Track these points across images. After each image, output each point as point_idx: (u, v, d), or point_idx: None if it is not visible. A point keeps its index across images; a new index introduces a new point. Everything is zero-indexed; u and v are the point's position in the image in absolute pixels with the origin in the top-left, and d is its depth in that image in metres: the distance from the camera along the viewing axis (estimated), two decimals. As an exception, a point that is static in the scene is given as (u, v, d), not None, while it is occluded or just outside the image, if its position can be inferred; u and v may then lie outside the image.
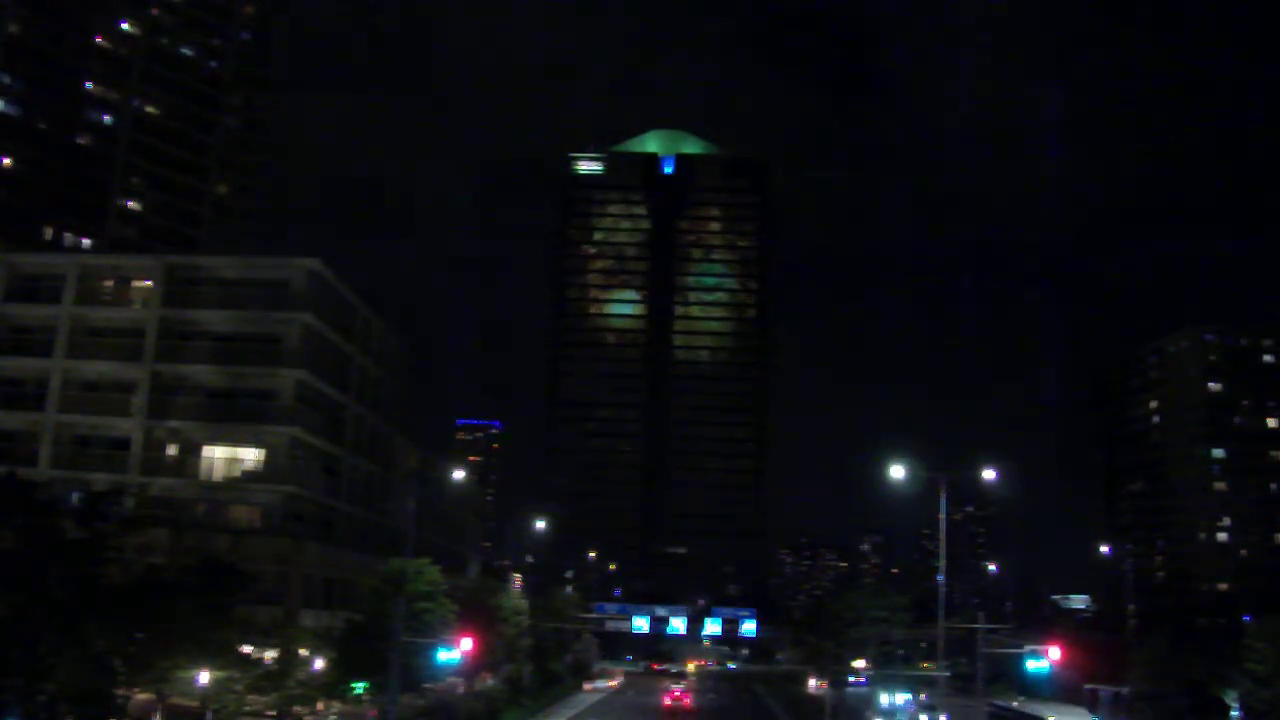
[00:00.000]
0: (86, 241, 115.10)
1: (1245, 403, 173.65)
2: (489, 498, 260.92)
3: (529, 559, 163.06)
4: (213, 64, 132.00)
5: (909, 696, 69.70)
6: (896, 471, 46.77)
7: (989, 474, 49.37)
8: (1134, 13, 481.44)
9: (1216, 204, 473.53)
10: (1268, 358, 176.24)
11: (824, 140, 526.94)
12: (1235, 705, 62.45)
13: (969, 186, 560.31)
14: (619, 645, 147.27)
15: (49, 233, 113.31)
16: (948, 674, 64.35)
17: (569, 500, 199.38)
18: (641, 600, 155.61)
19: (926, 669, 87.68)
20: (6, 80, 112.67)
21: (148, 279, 70.43)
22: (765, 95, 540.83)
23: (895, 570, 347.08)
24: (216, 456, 67.77)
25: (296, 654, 53.05)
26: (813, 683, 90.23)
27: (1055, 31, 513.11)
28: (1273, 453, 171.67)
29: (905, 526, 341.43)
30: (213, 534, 61.31)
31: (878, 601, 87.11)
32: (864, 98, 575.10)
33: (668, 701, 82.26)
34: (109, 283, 71.85)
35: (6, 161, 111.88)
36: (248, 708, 48.52)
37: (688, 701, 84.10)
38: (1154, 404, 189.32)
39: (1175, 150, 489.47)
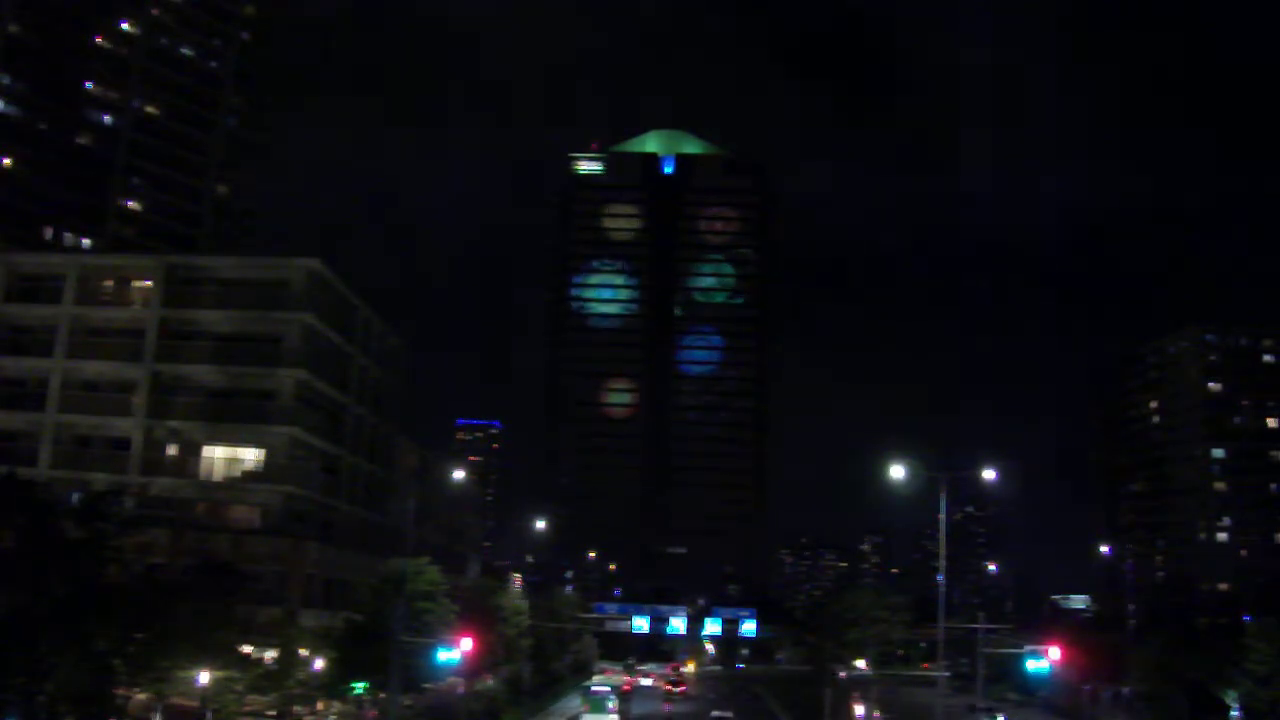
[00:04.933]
0: (86, 241, 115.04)
1: (1245, 403, 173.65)
2: (489, 498, 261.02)
3: (529, 559, 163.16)
4: (213, 64, 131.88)
5: None
6: (896, 471, 46.72)
7: (989, 474, 49.31)
8: (1136, 13, 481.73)
9: (1217, 204, 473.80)
10: (1268, 358, 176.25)
11: (825, 140, 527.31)
12: (1235, 705, 62.40)
13: (970, 186, 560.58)
14: (619, 645, 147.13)
15: (49, 233, 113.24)
16: (948, 674, 64.30)
17: (569, 500, 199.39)
18: (641, 600, 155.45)
19: (926, 669, 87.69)
20: (6, 80, 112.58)
21: (148, 279, 70.34)
22: (766, 95, 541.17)
23: (895, 570, 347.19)
24: (216, 456, 67.68)
25: (296, 654, 53.02)
26: (859, 711, 68.44)
27: (1059, 30, 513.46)
28: (1273, 453, 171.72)
29: (905, 526, 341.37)
30: (213, 534, 61.33)
31: (878, 601, 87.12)
32: (864, 98, 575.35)
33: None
34: (109, 283, 71.76)
35: (6, 161, 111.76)
36: (248, 708, 48.56)
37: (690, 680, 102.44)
38: (1154, 404, 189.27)
39: (1176, 150, 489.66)
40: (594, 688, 75.62)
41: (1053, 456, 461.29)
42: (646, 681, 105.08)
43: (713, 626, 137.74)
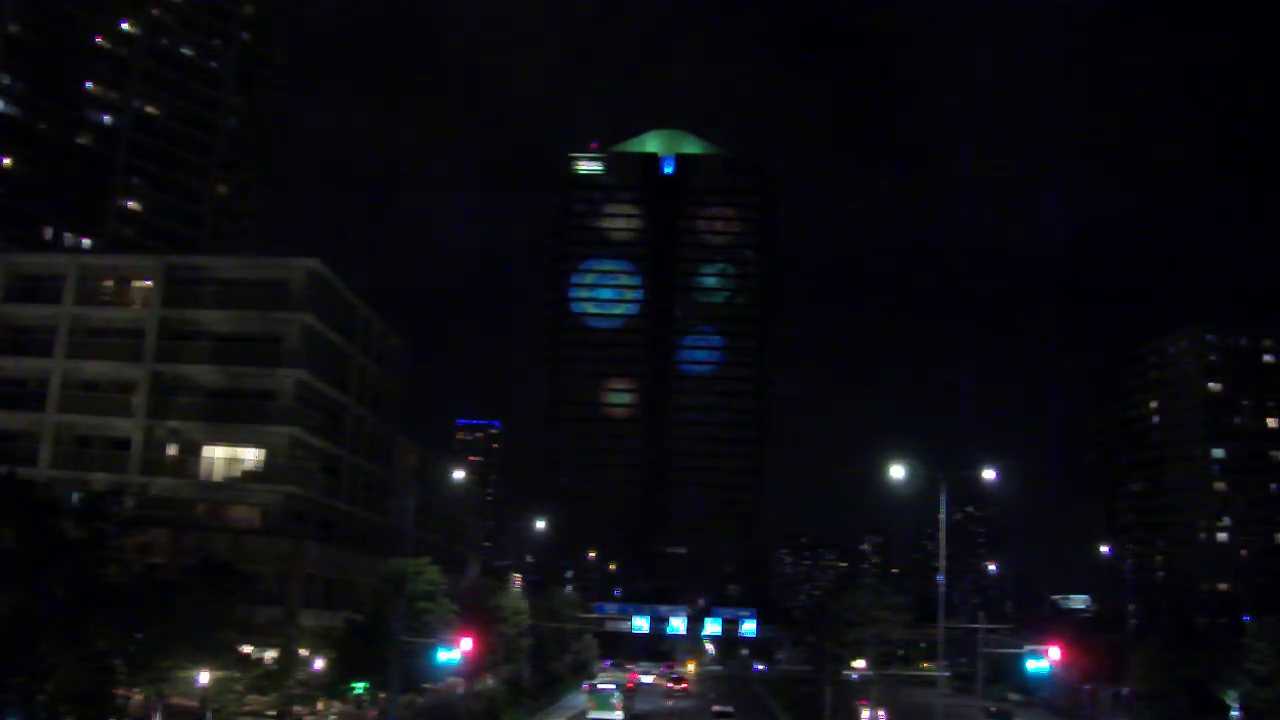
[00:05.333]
0: (86, 241, 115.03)
1: (1245, 403, 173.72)
2: (489, 498, 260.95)
3: (529, 559, 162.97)
4: (213, 64, 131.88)
5: None
6: (896, 471, 46.74)
7: (989, 474, 49.31)
8: (1137, 13, 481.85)
9: (1217, 204, 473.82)
10: (1268, 358, 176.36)
11: (825, 140, 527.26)
12: (1235, 705, 62.43)
13: (970, 186, 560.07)
14: (619, 645, 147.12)
15: (49, 233, 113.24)
16: (948, 674, 64.29)
17: (569, 500, 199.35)
18: (641, 600, 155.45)
19: (926, 669, 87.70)
20: (6, 80, 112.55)
21: (148, 279, 70.34)
22: (766, 95, 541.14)
23: (895, 570, 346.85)
24: (216, 456, 67.67)
25: (296, 654, 53.06)
26: (865, 716, 68.67)
27: (1060, 31, 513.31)
28: (1273, 453, 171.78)
29: (905, 526, 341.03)
30: (213, 534, 61.33)
31: (878, 601, 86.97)
32: (865, 98, 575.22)
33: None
34: (109, 283, 71.78)
35: (6, 161, 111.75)
36: (248, 708, 48.56)
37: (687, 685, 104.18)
38: (1154, 404, 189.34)
39: (1176, 150, 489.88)
40: (599, 684, 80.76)
41: (1053, 456, 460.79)
42: (647, 679, 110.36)
43: (713, 626, 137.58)
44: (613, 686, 78.01)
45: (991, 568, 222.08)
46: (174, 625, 39.74)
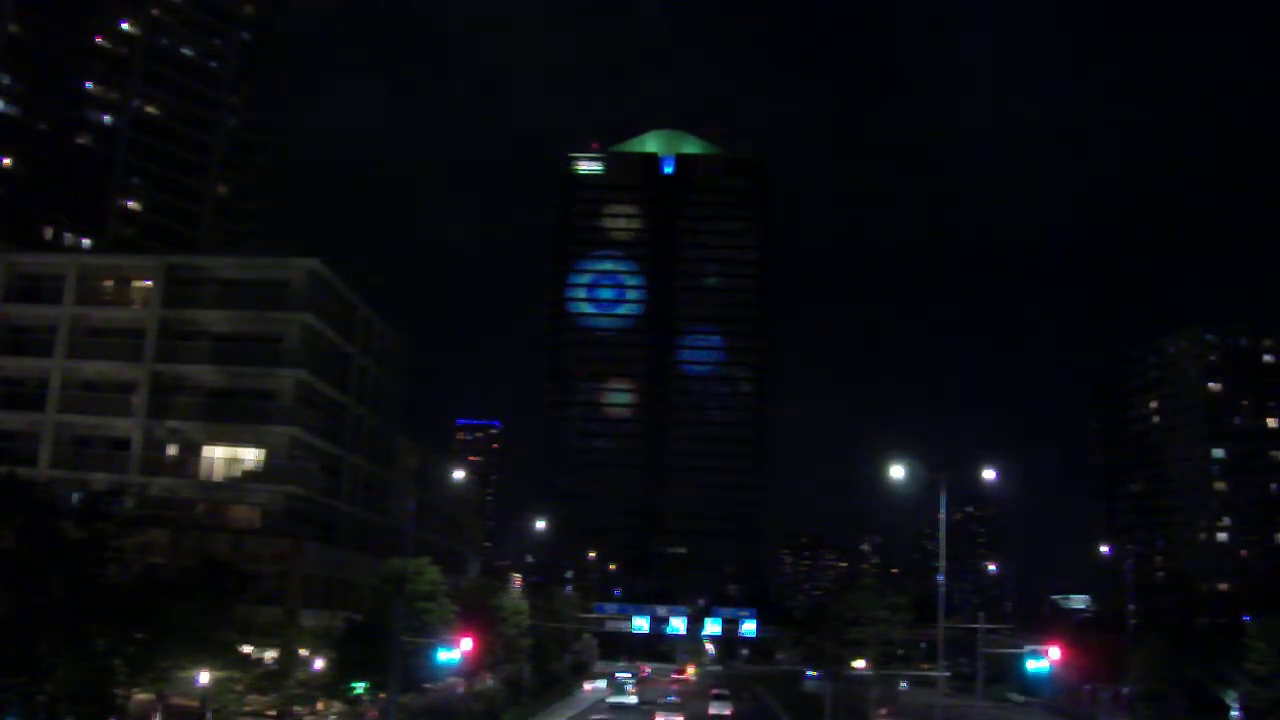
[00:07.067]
0: (86, 241, 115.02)
1: (1245, 403, 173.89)
2: (489, 498, 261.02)
3: (529, 559, 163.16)
4: (213, 64, 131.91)
5: None
6: (896, 471, 46.72)
7: (989, 474, 49.30)
8: (1138, 14, 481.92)
9: (1217, 204, 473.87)
10: (1268, 358, 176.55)
11: (825, 140, 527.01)
12: (1235, 705, 62.41)
13: (970, 186, 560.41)
14: (619, 645, 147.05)
15: (49, 233, 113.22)
16: (947, 674, 64.21)
17: (569, 500, 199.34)
18: (641, 600, 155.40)
19: (926, 669, 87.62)
20: (6, 80, 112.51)
21: (148, 279, 70.36)
22: (766, 95, 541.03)
23: (895, 570, 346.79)
24: (216, 456, 67.70)
25: (296, 654, 53.01)
26: None
27: (1059, 30, 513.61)
28: (1273, 453, 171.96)
29: (905, 526, 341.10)
30: (213, 534, 61.35)
31: (878, 601, 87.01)
32: (865, 98, 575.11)
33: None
34: (109, 283, 71.79)
35: (6, 161, 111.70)
36: (248, 708, 48.52)
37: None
38: (1154, 404, 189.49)
39: (1176, 151, 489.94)
40: (617, 674, 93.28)
41: (1053, 456, 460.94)
42: (648, 670, 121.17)
43: (713, 626, 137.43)
44: (629, 676, 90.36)
45: (991, 568, 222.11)
46: (174, 625, 39.66)
